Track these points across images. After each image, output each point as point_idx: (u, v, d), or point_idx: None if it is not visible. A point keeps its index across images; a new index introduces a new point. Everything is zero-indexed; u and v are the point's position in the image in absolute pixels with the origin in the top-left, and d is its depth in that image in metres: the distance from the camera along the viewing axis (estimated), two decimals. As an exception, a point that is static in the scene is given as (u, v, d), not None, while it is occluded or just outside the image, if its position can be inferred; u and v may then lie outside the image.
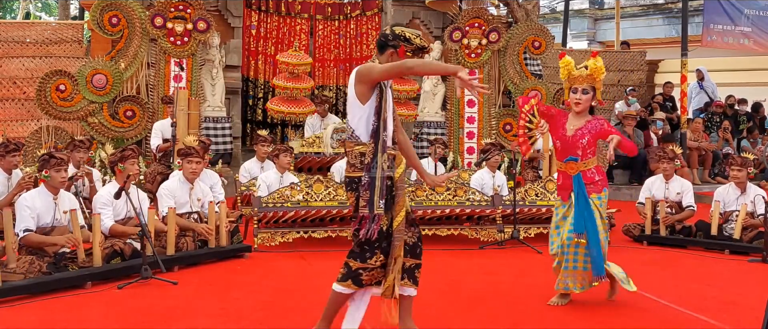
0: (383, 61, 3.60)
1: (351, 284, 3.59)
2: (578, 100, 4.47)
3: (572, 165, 4.45)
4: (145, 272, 4.98)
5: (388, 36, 3.61)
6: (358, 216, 3.52)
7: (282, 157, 7.17)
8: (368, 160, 3.50)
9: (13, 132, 9.79)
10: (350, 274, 3.59)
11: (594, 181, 4.47)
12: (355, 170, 3.54)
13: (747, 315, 4.42)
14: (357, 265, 3.58)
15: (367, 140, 3.51)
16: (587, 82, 4.48)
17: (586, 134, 4.45)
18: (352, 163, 3.55)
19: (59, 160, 5.15)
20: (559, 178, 4.59)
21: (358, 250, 3.58)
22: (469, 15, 10.69)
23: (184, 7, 9.77)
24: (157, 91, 9.76)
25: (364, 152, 3.51)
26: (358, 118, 3.55)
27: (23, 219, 4.95)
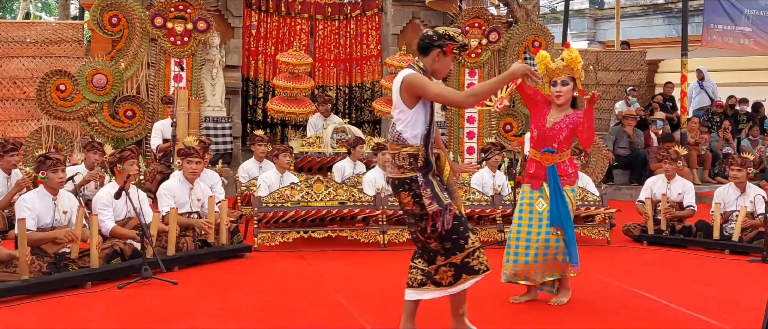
0: (428, 63, 3.59)
1: (467, 277, 3.59)
2: (559, 92, 4.46)
3: (548, 157, 4.46)
4: (145, 272, 4.98)
5: (433, 37, 3.58)
6: (428, 213, 3.50)
7: (281, 156, 7.17)
8: (421, 162, 3.53)
9: (13, 132, 9.79)
10: (461, 269, 3.57)
11: (567, 174, 4.49)
12: (405, 171, 3.54)
13: (747, 315, 4.42)
14: (461, 257, 3.57)
15: (417, 143, 3.53)
16: (565, 74, 4.46)
17: (564, 129, 4.45)
18: (400, 165, 3.54)
19: (55, 160, 5.14)
20: (531, 166, 4.56)
21: (449, 246, 3.56)
22: (469, 15, 10.69)
23: (184, 7, 9.77)
24: (157, 91, 9.76)
25: (415, 154, 3.53)
26: (405, 121, 3.54)
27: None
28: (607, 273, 5.63)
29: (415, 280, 3.65)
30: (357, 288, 5.03)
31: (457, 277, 3.59)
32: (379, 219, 6.59)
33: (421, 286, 3.64)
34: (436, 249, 3.58)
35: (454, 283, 3.59)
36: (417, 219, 3.56)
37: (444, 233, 3.53)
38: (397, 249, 6.46)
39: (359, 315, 4.35)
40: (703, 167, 11.93)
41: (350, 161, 8.12)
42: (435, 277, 3.60)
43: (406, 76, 3.51)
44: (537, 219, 4.47)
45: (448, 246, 3.57)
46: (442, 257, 3.58)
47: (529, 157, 4.60)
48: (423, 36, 3.64)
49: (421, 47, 3.62)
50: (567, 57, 4.45)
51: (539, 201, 4.49)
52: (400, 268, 5.61)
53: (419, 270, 3.65)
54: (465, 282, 3.60)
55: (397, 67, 9.87)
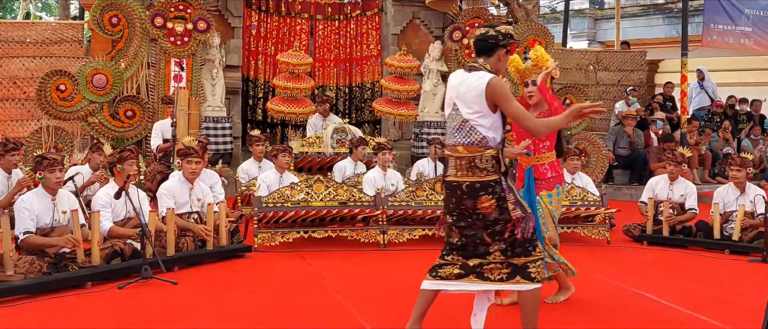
0: (493, 63, 3.57)
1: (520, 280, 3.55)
2: (530, 92, 4.43)
3: (525, 159, 4.42)
4: (145, 272, 4.98)
5: (498, 37, 3.56)
6: (512, 218, 3.49)
7: (280, 156, 7.17)
8: (502, 165, 3.51)
9: (13, 132, 9.79)
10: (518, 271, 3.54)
11: (545, 177, 4.42)
12: (488, 174, 3.49)
13: (747, 315, 4.42)
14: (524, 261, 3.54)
15: (497, 145, 3.53)
16: (535, 73, 4.44)
17: None
18: (483, 167, 3.48)
19: (52, 160, 5.14)
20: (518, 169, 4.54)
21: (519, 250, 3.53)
22: (469, 15, 10.70)
23: (184, 7, 9.77)
24: (157, 91, 9.76)
25: (496, 157, 3.50)
26: (488, 124, 3.50)
27: (22, 222, 4.95)
28: (607, 273, 5.63)
29: (452, 273, 3.60)
30: (357, 288, 5.03)
31: (510, 276, 3.54)
32: (379, 219, 6.59)
33: (458, 278, 3.59)
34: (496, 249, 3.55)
35: (504, 281, 3.55)
36: (489, 223, 3.50)
37: (522, 238, 3.50)
38: (397, 249, 6.47)
39: (359, 315, 4.35)
40: (703, 167, 11.93)
41: (351, 161, 8.12)
42: (481, 270, 3.56)
43: (491, 81, 3.45)
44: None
45: (518, 250, 3.54)
46: (503, 255, 3.55)
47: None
48: (486, 36, 3.57)
49: (485, 47, 3.57)
50: (534, 56, 4.42)
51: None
52: (400, 268, 5.63)
53: (456, 265, 3.60)
54: (517, 284, 3.54)
55: (397, 67, 9.88)
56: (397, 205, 6.66)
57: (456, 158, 3.54)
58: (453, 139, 3.58)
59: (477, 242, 3.55)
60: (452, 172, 3.56)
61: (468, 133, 3.52)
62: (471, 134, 3.51)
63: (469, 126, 3.51)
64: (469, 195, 3.50)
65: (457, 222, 3.60)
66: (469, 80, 3.52)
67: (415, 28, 11.59)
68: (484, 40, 3.57)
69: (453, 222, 3.62)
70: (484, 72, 3.51)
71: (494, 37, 3.55)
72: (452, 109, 3.59)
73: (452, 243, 3.64)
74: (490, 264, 3.55)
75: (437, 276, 3.64)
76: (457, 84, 3.58)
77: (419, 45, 11.20)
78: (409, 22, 11.55)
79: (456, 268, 3.61)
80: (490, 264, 3.55)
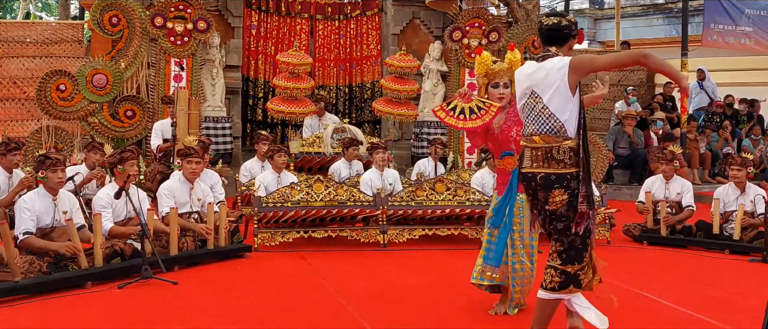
0: (565, 52, 3.50)
1: (573, 288, 3.44)
2: (502, 94, 4.32)
3: (509, 161, 4.28)
4: (145, 272, 4.98)
5: (570, 26, 3.52)
6: (579, 213, 3.39)
7: (276, 157, 7.17)
8: (580, 156, 3.39)
9: (13, 132, 9.80)
10: (570, 279, 3.43)
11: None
12: (566, 166, 3.38)
13: (747, 315, 4.42)
14: (576, 268, 3.44)
15: (574, 135, 3.41)
16: (507, 76, 4.35)
17: (513, 125, 4.29)
18: (560, 159, 3.38)
19: (55, 160, 5.14)
20: (501, 175, 4.38)
21: (574, 253, 3.43)
22: (469, 15, 10.69)
23: (184, 7, 9.77)
24: (158, 91, 9.76)
25: (575, 148, 3.39)
26: (569, 111, 3.40)
27: (23, 222, 4.95)
28: (607, 273, 5.61)
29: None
30: (357, 288, 5.03)
31: (563, 285, 3.44)
32: (379, 219, 6.59)
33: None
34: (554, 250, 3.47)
35: (557, 290, 3.45)
36: (555, 218, 3.44)
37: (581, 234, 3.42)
38: (397, 249, 6.47)
39: (359, 315, 4.35)
40: (703, 167, 11.93)
41: (345, 162, 8.12)
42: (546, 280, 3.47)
43: (571, 60, 3.37)
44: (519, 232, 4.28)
45: (573, 253, 3.45)
46: (559, 258, 3.45)
47: (498, 167, 4.39)
48: (560, 25, 3.50)
49: (558, 37, 3.51)
50: (512, 58, 4.34)
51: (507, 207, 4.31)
52: (400, 268, 5.63)
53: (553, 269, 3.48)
54: (569, 293, 3.46)
55: (397, 67, 9.88)
56: (397, 205, 6.65)
57: (532, 148, 3.46)
58: (528, 129, 3.51)
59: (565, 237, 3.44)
60: (527, 163, 3.49)
61: (546, 121, 3.43)
62: (549, 122, 3.42)
63: (548, 113, 3.42)
64: (542, 188, 3.43)
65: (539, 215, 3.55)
66: (547, 65, 3.44)
67: (415, 28, 11.59)
68: (557, 29, 3.51)
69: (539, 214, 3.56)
70: (556, 57, 3.45)
71: (567, 26, 3.51)
72: (528, 97, 3.51)
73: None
74: (549, 268, 3.46)
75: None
76: (531, 72, 3.50)
77: (419, 45, 11.20)
78: (409, 22, 11.55)
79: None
80: (549, 268, 3.46)
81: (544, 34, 3.54)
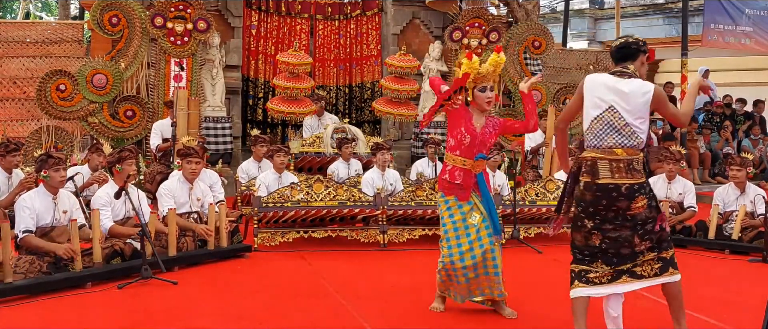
0: (638, 67, 3.75)
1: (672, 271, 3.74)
2: (489, 98, 4.29)
3: (480, 164, 4.28)
4: (145, 272, 4.98)
5: (640, 43, 3.78)
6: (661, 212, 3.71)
7: (276, 157, 7.17)
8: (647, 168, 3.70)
9: (13, 132, 9.79)
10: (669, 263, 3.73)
11: (488, 181, 4.38)
12: (642, 176, 3.63)
13: (747, 315, 4.43)
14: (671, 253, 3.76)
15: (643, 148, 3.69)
16: (493, 79, 4.34)
17: (492, 132, 4.32)
18: (638, 170, 3.61)
19: (57, 159, 5.15)
20: (457, 176, 4.25)
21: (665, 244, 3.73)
22: (469, 15, 10.69)
23: (184, 7, 9.77)
24: (157, 91, 9.76)
25: (642, 159, 3.67)
26: (645, 128, 3.68)
27: (23, 220, 4.95)
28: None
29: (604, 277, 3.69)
30: (357, 288, 5.04)
31: (663, 270, 3.70)
32: (379, 219, 6.59)
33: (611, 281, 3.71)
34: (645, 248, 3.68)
35: (659, 275, 3.70)
36: (640, 223, 3.62)
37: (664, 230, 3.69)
38: (397, 249, 6.47)
39: (359, 315, 4.35)
40: (703, 167, 11.93)
41: (343, 162, 8.12)
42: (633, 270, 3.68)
43: (656, 90, 3.66)
44: (475, 232, 4.22)
45: (664, 244, 3.72)
46: (652, 252, 3.70)
47: (454, 166, 4.27)
48: (628, 43, 3.76)
49: (630, 53, 3.74)
50: (498, 61, 4.29)
51: (472, 215, 4.26)
52: (400, 268, 5.63)
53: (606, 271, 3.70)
54: (670, 275, 3.71)
55: (397, 67, 9.88)
56: (397, 205, 6.66)
57: (611, 160, 3.60)
58: (607, 142, 3.63)
59: (623, 245, 3.64)
60: (606, 175, 3.60)
61: (629, 136, 3.62)
62: (632, 137, 3.62)
63: (631, 130, 3.62)
64: (626, 197, 3.58)
65: (600, 226, 3.65)
66: (630, 86, 3.63)
67: (415, 28, 11.58)
68: (627, 46, 3.75)
69: (595, 226, 3.66)
70: (638, 79, 3.69)
71: (636, 42, 3.76)
72: (605, 110, 3.65)
73: (593, 248, 3.70)
74: (643, 263, 3.69)
75: (589, 282, 3.69)
76: (612, 86, 3.66)
77: (419, 45, 11.20)
78: (409, 22, 11.55)
79: (607, 272, 3.69)
80: (643, 263, 3.68)
81: (615, 54, 3.77)
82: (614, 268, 3.67)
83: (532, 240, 6.82)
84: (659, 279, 3.70)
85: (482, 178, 4.29)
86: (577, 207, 3.73)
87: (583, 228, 3.70)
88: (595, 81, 3.73)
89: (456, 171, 4.26)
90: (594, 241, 3.67)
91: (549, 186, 7.01)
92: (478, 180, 4.26)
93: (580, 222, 3.71)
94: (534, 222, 7.03)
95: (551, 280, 5.40)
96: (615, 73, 3.70)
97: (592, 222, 3.66)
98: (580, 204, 3.70)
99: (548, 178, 7.25)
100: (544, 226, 7.00)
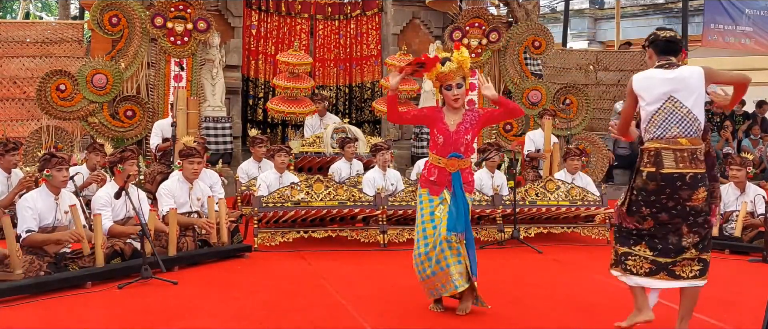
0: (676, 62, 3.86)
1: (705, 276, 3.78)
2: (456, 95, 4.30)
3: (454, 162, 4.28)
4: (145, 272, 4.98)
5: (681, 40, 3.95)
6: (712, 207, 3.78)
7: (277, 157, 7.17)
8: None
9: (13, 132, 9.80)
10: (707, 266, 3.78)
11: (468, 181, 4.36)
12: (704, 166, 3.71)
13: (747, 315, 4.43)
14: (710, 256, 3.81)
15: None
16: (459, 76, 4.33)
17: (469, 129, 4.31)
18: (701, 160, 3.69)
19: (60, 159, 5.15)
20: (432, 172, 4.32)
21: (707, 243, 3.77)
22: (469, 15, 10.69)
23: (184, 7, 9.77)
24: (157, 91, 9.76)
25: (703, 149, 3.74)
26: (702, 115, 3.73)
27: (25, 220, 4.95)
28: (607, 274, 5.60)
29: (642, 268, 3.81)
30: (357, 288, 5.04)
31: (702, 273, 3.76)
32: (379, 219, 6.59)
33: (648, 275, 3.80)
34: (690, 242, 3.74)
35: (698, 277, 3.76)
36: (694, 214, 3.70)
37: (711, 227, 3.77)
38: (397, 249, 6.46)
39: (359, 315, 4.35)
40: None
41: (346, 162, 8.13)
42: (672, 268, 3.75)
43: (704, 69, 3.73)
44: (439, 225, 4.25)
45: (707, 243, 3.76)
46: (696, 250, 3.74)
47: (431, 164, 4.36)
48: (675, 38, 3.88)
49: (676, 48, 3.85)
50: (458, 58, 4.30)
51: (440, 208, 4.28)
52: (400, 268, 5.63)
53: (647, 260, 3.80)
54: (704, 280, 3.78)
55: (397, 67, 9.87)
56: (397, 205, 6.66)
57: (675, 150, 3.67)
58: (671, 132, 3.70)
59: (672, 233, 3.72)
60: (671, 164, 3.67)
61: (690, 124, 3.68)
62: (693, 125, 3.69)
63: (692, 116, 3.69)
64: (689, 187, 3.66)
65: (656, 214, 3.73)
66: (682, 72, 3.73)
67: (415, 28, 11.58)
68: (675, 41, 3.87)
69: (651, 213, 3.74)
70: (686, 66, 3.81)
71: (679, 40, 3.92)
72: (665, 101, 3.71)
73: (641, 230, 3.79)
74: (684, 261, 3.73)
75: (627, 269, 3.83)
76: (666, 78, 3.73)
77: (419, 45, 11.20)
78: (409, 22, 11.55)
79: (646, 263, 3.78)
80: (684, 260, 3.73)
81: (662, 45, 3.84)
82: (655, 257, 3.74)
83: (532, 240, 6.82)
84: (697, 282, 3.75)
85: (458, 176, 4.29)
86: (637, 195, 3.77)
87: (638, 214, 3.77)
88: (646, 77, 3.80)
89: (433, 168, 4.36)
90: (645, 225, 3.77)
91: (549, 186, 7.01)
92: (453, 178, 4.29)
93: (636, 207, 3.78)
94: (534, 223, 7.03)
95: (551, 280, 5.41)
96: (662, 66, 3.79)
97: (649, 209, 3.74)
98: (641, 193, 3.75)
99: (548, 178, 7.25)
100: (544, 226, 7.01)
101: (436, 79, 4.35)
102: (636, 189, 3.77)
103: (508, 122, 10.66)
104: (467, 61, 4.35)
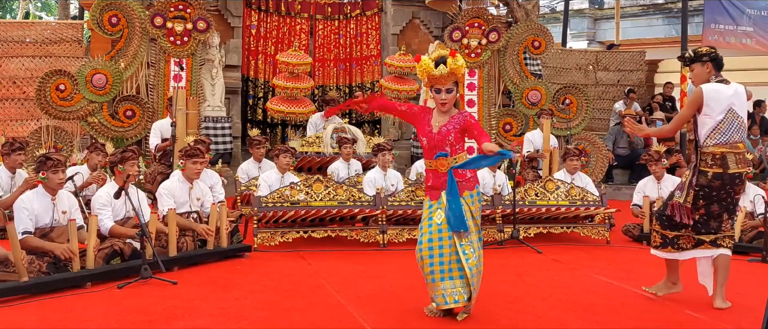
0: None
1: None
2: (444, 99, 4.29)
3: (443, 162, 4.28)
4: (144, 272, 4.98)
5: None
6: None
7: (281, 157, 7.16)
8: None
9: (13, 131, 9.81)
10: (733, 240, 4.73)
11: (465, 178, 4.32)
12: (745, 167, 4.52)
13: (747, 315, 4.43)
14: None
15: None
16: (450, 81, 4.30)
17: (452, 130, 4.29)
18: (746, 162, 4.52)
19: (56, 161, 5.13)
20: (429, 178, 4.35)
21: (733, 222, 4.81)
22: (469, 15, 10.69)
23: (184, 7, 9.77)
24: (157, 91, 9.76)
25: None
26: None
27: (21, 221, 4.94)
28: (607, 273, 5.64)
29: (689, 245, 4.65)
30: (357, 288, 5.03)
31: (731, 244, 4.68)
32: (379, 219, 6.59)
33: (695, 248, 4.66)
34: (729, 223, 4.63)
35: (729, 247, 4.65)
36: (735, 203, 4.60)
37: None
38: (397, 249, 6.46)
39: (359, 315, 4.35)
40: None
41: (343, 162, 8.13)
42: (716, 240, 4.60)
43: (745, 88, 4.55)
44: (437, 232, 4.22)
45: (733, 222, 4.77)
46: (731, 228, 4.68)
47: (427, 169, 4.37)
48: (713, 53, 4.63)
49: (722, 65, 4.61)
50: (453, 64, 4.27)
51: (437, 213, 4.26)
52: (400, 268, 5.63)
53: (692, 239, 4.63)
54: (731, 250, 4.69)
55: (397, 67, 9.88)
56: (397, 205, 6.66)
57: (736, 153, 4.44)
58: (734, 138, 4.43)
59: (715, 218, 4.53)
60: (734, 166, 4.43)
61: (744, 132, 4.48)
62: (744, 132, 4.49)
63: (744, 126, 4.49)
64: (741, 182, 4.50)
65: (709, 206, 4.50)
66: (738, 89, 4.49)
67: (415, 28, 11.59)
68: (721, 59, 4.60)
69: (705, 204, 4.49)
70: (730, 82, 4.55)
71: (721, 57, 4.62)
72: (728, 112, 4.43)
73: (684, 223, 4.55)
74: (725, 236, 4.59)
75: (679, 247, 4.65)
76: (730, 94, 4.46)
77: (419, 45, 11.20)
78: (409, 22, 11.55)
79: (692, 241, 4.61)
80: (725, 236, 4.59)
81: (718, 62, 4.59)
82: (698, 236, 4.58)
83: (531, 240, 6.82)
84: (728, 251, 4.58)
85: (451, 175, 4.26)
86: (698, 191, 4.46)
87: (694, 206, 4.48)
88: (714, 90, 4.44)
89: (428, 173, 4.41)
90: (695, 216, 4.51)
91: (549, 186, 7.01)
92: (448, 177, 4.26)
93: (695, 202, 4.48)
94: (534, 223, 7.03)
95: (551, 280, 5.41)
96: (721, 81, 4.50)
97: (705, 201, 4.47)
98: (703, 189, 4.45)
99: (548, 178, 7.25)
100: (544, 226, 7.01)
101: (427, 80, 4.36)
102: (699, 187, 4.45)
103: (507, 122, 10.67)
104: (461, 68, 4.33)
